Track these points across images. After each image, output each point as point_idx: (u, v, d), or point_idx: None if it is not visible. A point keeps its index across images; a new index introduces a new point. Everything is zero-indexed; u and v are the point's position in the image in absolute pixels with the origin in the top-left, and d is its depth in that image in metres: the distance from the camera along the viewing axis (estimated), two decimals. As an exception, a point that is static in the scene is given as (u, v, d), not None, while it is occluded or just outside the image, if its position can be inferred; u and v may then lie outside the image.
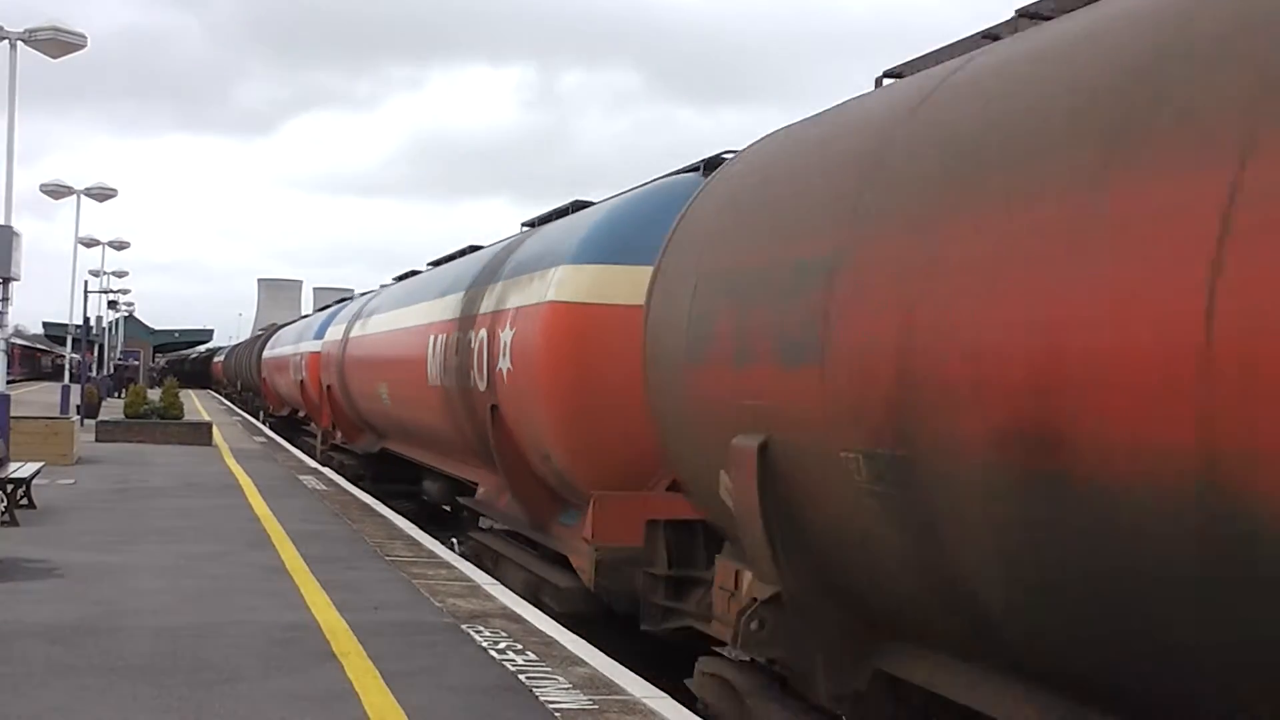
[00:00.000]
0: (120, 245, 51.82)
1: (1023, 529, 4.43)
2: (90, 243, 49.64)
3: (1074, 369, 4.06)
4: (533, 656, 8.07)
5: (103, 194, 36.13)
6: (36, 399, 48.79)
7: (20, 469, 15.42)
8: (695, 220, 7.70)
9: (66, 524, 14.35)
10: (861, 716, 6.18)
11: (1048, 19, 5.58)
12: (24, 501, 15.16)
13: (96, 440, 29.07)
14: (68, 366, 48.25)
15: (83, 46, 20.46)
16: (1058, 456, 4.13)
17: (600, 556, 9.89)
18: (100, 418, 34.98)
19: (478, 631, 8.82)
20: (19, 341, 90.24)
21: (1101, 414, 3.94)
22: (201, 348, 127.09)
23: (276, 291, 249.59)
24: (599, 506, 10.05)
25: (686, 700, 7.43)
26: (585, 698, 7.06)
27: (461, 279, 15.05)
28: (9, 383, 20.54)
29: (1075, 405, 4.05)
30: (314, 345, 29.34)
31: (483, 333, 12.55)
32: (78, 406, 36.34)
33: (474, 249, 18.01)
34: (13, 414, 20.78)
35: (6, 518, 14.00)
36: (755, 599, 6.39)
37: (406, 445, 18.93)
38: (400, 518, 16.01)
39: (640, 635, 8.60)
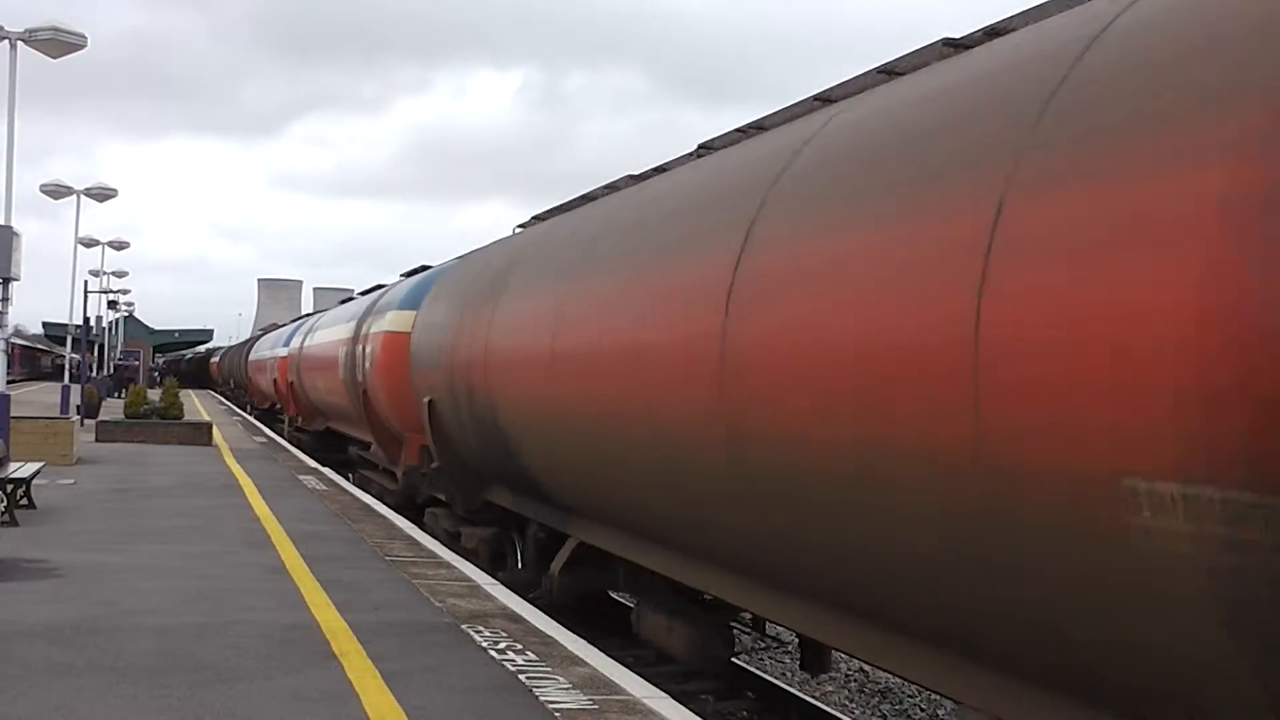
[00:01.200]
0: (120, 245, 52.19)
1: (475, 427, 12.44)
2: (90, 243, 49.98)
3: (489, 365, 12.10)
4: (533, 656, 8.10)
5: (103, 194, 36.41)
6: (36, 399, 48.97)
7: (20, 469, 15.52)
8: (434, 290, 15.82)
9: (66, 524, 14.41)
10: (483, 521, 14.10)
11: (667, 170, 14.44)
12: (24, 501, 15.26)
13: (96, 440, 29.26)
14: (68, 366, 48.42)
15: (83, 47, 20.58)
16: (489, 398, 12.11)
17: (405, 469, 17.92)
18: (100, 418, 35.11)
19: (478, 631, 8.86)
20: (19, 341, 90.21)
21: (483, 380, 12.04)
22: (201, 348, 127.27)
23: (276, 291, 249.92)
24: (408, 443, 17.95)
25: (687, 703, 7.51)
26: (585, 698, 7.09)
27: (360, 311, 23.14)
28: (9, 383, 20.59)
29: (488, 379, 12.04)
30: (283, 351, 37.01)
31: (360, 346, 20.88)
32: (78, 406, 36.48)
33: (379, 287, 26.41)
34: (13, 414, 20.95)
35: (6, 518, 14.07)
36: (431, 468, 15.19)
37: (337, 423, 27.01)
38: (400, 518, 16.05)
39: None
